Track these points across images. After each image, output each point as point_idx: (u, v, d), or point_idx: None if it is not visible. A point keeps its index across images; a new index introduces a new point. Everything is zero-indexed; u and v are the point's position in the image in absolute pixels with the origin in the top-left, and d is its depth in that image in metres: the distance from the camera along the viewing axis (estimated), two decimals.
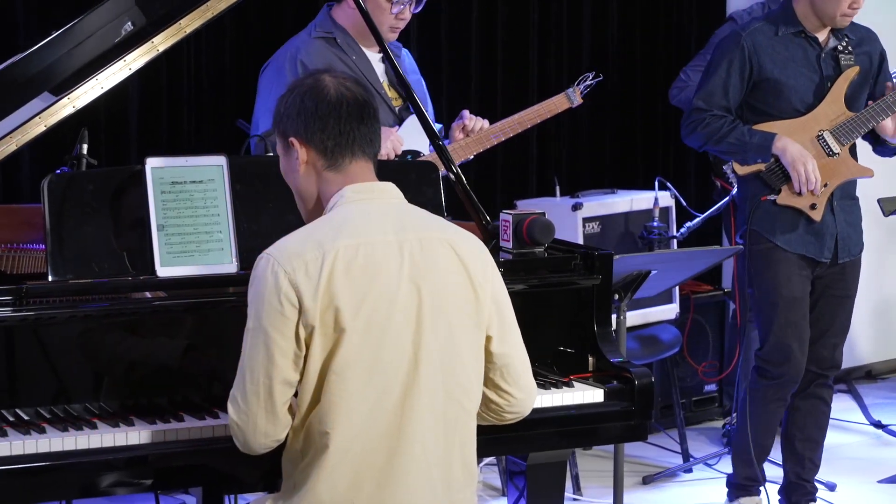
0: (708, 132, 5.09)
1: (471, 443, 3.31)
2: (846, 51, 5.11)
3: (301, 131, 3.30)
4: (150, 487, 3.52)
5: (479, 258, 3.33)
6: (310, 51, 5.07)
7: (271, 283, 3.13)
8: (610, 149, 7.14)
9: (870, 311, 7.42)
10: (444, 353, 3.23)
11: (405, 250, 3.22)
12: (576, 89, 5.34)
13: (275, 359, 3.14)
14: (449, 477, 3.26)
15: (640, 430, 3.92)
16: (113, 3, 3.95)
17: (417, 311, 3.21)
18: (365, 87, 3.37)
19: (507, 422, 3.44)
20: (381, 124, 3.39)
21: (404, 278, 3.20)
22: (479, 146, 5.18)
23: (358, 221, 3.22)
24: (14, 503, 4.87)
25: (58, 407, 3.50)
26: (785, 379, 5.17)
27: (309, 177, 3.33)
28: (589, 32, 7.03)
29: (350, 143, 3.29)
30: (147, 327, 3.60)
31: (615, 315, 4.53)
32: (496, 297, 3.33)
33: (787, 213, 5.09)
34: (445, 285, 3.25)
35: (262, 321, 3.14)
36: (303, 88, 3.32)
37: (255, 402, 3.16)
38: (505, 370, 3.36)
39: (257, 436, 3.20)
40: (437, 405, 3.23)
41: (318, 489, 3.17)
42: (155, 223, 3.68)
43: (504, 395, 3.37)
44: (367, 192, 3.30)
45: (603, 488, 5.80)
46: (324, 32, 5.12)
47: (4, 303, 3.45)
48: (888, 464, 6.19)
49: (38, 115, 3.83)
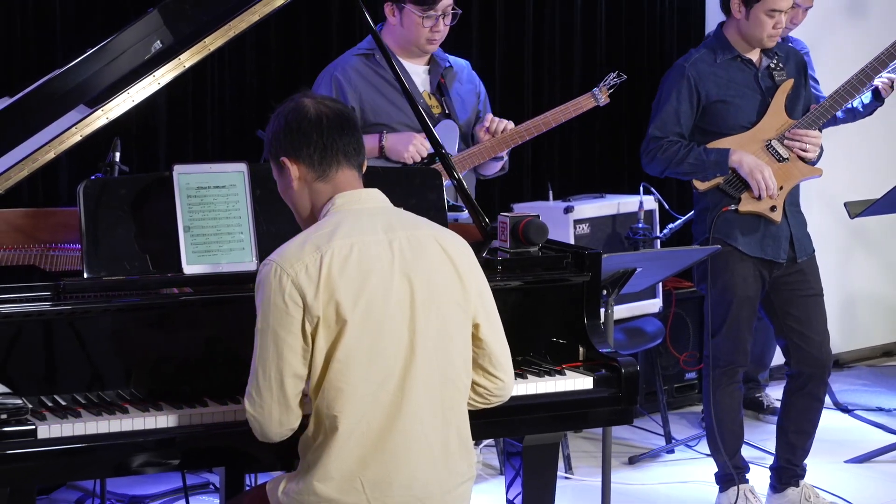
0: (667, 157, 5.14)
1: (464, 419, 3.34)
2: (778, 67, 5.22)
3: (289, 150, 3.33)
4: (177, 467, 3.53)
5: (463, 253, 3.35)
6: (345, 67, 5.11)
7: (276, 286, 3.15)
8: (598, 157, 7.14)
9: (836, 305, 7.42)
10: (438, 338, 3.25)
11: (395, 247, 3.24)
12: (602, 89, 5.30)
13: (284, 355, 3.15)
14: (447, 451, 3.28)
15: (627, 414, 3.91)
16: (143, 23, 3.95)
17: (411, 301, 3.22)
18: (343, 104, 3.44)
19: (493, 405, 3.45)
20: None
21: (396, 272, 3.22)
22: (505, 145, 5.17)
23: (349, 224, 3.24)
24: (53, 481, 4.90)
25: (92, 393, 3.50)
26: (735, 365, 5.24)
27: (303, 191, 3.36)
28: (581, 55, 7.02)
29: (335, 154, 3.32)
30: (174, 320, 3.61)
31: (603, 309, 4.52)
32: (480, 289, 3.36)
33: (746, 219, 5.15)
34: (434, 277, 3.27)
35: (270, 321, 3.16)
36: (285, 112, 3.37)
37: (269, 395, 3.18)
38: (493, 355, 3.38)
39: (273, 426, 3.21)
40: (433, 386, 3.24)
41: (330, 467, 3.18)
42: (181, 225, 3.67)
43: (492, 378, 3.40)
44: (355, 198, 3.32)
45: (592, 468, 5.80)
46: (365, 50, 5.12)
47: (44, 298, 3.45)
48: (854, 445, 6.19)
49: (75, 126, 3.83)
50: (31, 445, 3.26)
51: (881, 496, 5.58)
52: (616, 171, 7.12)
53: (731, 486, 5.30)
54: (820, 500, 5.33)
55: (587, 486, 5.62)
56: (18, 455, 3.24)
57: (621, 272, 4.57)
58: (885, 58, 5.31)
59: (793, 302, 5.24)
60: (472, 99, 5.28)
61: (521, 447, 3.95)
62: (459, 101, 5.20)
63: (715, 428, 5.23)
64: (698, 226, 5.30)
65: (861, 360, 7.91)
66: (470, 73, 5.35)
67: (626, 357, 3.90)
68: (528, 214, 4.05)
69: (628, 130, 7.10)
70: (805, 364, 5.25)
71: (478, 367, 3.37)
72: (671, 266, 5.17)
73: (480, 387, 3.39)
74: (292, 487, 3.24)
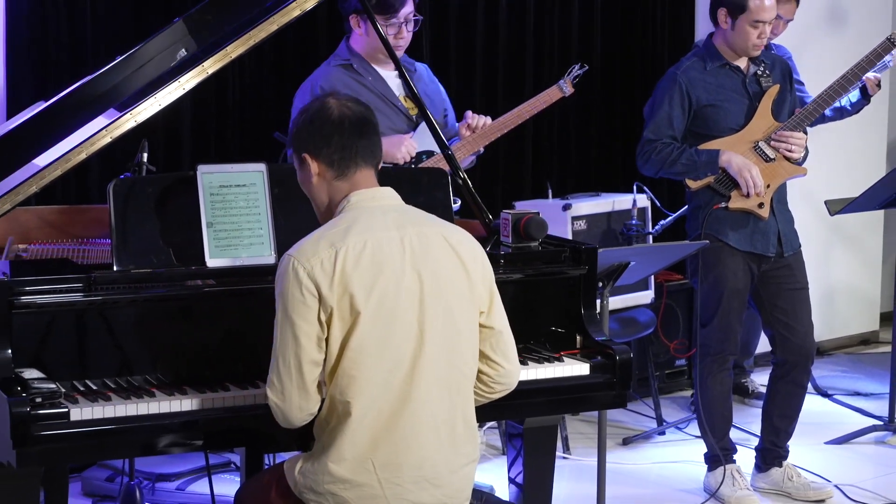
0: (660, 158, 5.13)
1: (470, 403, 3.33)
2: (764, 74, 5.21)
3: (311, 148, 3.32)
4: (200, 447, 3.53)
5: (469, 246, 3.34)
6: (328, 78, 5.04)
7: (293, 279, 3.16)
8: (595, 158, 7.13)
9: (818, 297, 7.36)
10: (445, 329, 3.24)
11: (406, 243, 3.24)
12: (567, 80, 5.27)
13: (301, 342, 3.15)
14: (454, 434, 3.28)
15: (621, 398, 3.91)
16: (169, 33, 3.94)
17: (420, 294, 3.22)
18: (366, 107, 3.39)
19: (497, 394, 3.43)
20: (383, 134, 3.40)
21: (407, 266, 3.21)
22: (485, 140, 5.14)
23: (363, 221, 3.24)
24: (85, 460, 4.90)
25: (121, 378, 3.50)
26: (726, 353, 5.23)
27: (321, 186, 3.35)
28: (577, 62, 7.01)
29: (353, 156, 3.31)
30: (197, 310, 3.60)
31: (599, 300, 4.50)
32: (486, 279, 3.35)
33: (736, 216, 5.14)
34: (442, 270, 3.26)
35: (289, 312, 3.16)
36: (311, 111, 3.36)
37: (290, 382, 3.18)
38: (495, 342, 3.37)
39: (293, 410, 3.21)
40: (440, 373, 3.24)
41: (343, 448, 3.18)
42: (205, 221, 3.67)
43: (494, 365, 3.38)
44: (369, 196, 3.31)
45: (588, 448, 5.79)
46: (342, 61, 5.09)
47: (76, 289, 3.45)
48: (833, 427, 6.18)
49: (105, 129, 3.83)
50: (65, 427, 3.26)
51: (858, 475, 5.57)
52: (611, 171, 7.11)
53: (718, 466, 5.29)
54: (801, 479, 5.33)
55: (584, 466, 5.62)
56: (52, 436, 3.25)
57: (616, 265, 4.57)
58: (865, 64, 5.32)
59: (780, 295, 5.24)
60: (438, 97, 5.24)
61: (522, 429, 3.95)
62: (428, 101, 5.14)
63: (704, 413, 5.23)
64: (691, 222, 5.30)
65: (840, 349, 7.90)
66: (430, 73, 5.33)
67: (621, 345, 3.89)
68: (528, 212, 4.05)
69: (622, 134, 7.09)
70: (790, 353, 5.25)
71: (482, 355, 3.37)
72: (662, 260, 5.16)
73: (484, 374, 3.38)
74: (308, 467, 3.24)
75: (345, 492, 3.19)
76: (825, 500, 5.29)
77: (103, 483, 5.07)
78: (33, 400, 3.24)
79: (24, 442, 3.21)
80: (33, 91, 5.09)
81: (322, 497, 3.21)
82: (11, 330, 3.36)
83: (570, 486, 5.37)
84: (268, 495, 3.35)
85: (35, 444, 3.23)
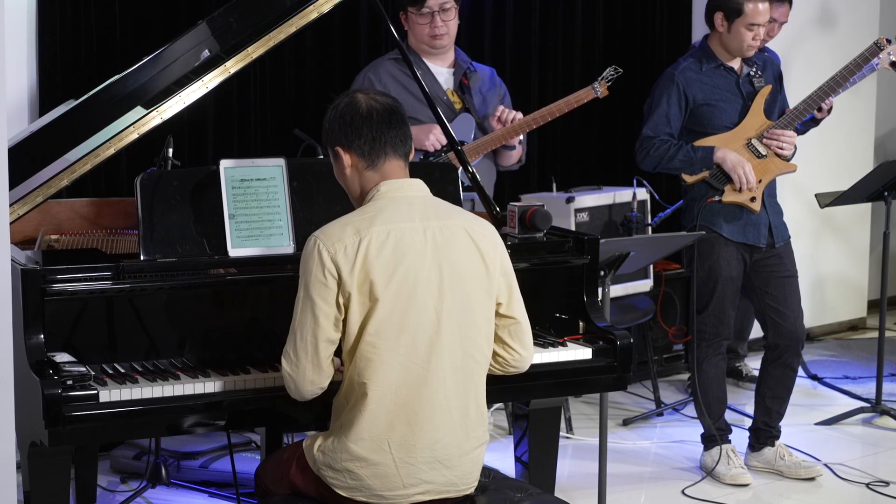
0: (658, 154, 5.13)
1: (482, 390, 3.32)
2: (757, 74, 5.21)
3: (342, 141, 3.31)
4: (223, 427, 3.53)
5: (489, 240, 3.32)
6: (377, 68, 5.10)
7: (317, 260, 3.15)
8: (596, 154, 7.11)
9: (808, 285, 7.37)
10: (461, 318, 3.23)
11: (428, 234, 3.22)
12: (601, 82, 5.26)
13: (319, 321, 3.14)
14: (466, 417, 3.26)
15: (621, 381, 3.90)
16: (193, 34, 3.94)
17: (439, 284, 3.20)
18: (394, 99, 3.37)
19: (510, 373, 3.45)
20: (411, 125, 3.39)
21: (428, 257, 3.20)
22: (515, 133, 5.14)
23: (389, 211, 3.22)
24: (113, 439, 4.90)
25: (148, 362, 3.50)
26: (720, 338, 5.23)
27: (354, 177, 3.33)
28: (580, 65, 7.00)
29: (383, 146, 3.29)
30: (221, 297, 3.60)
31: (601, 288, 4.50)
32: (505, 271, 3.34)
33: (729, 209, 5.14)
34: (461, 262, 3.24)
35: (310, 290, 3.15)
36: (341, 106, 3.34)
37: (304, 356, 3.17)
38: (514, 331, 3.37)
39: (305, 384, 3.21)
40: (455, 360, 3.23)
41: (360, 429, 3.17)
42: (227, 213, 3.67)
43: (510, 350, 3.38)
44: (398, 186, 3.29)
45: (591, 429, 5.79)
46: (396, 54, 5.10)
47: (105, 277, 3.45)
48: (823, 409, 6.17)
49: (133, 125, 3.83)
50: (94, 408, 3.26)
51: (846, 454, 5.56)
52: (612, 166, 7.10)
53: (714, 445, 5.28)
54: (793, 458, 5.32)
55: (586, 445, 5.61)
56: (82, 416, 3.25)
57: (617, 255, 4.55)
58: (854, 67, 5.28)
59: (771, 282, 5.23)
60: (495, 100, 5.25)
61: (527, 410, 3.95)
62: (481, 99, 5.18)
63: (700, 395, 5.22)
64: (686, 214, 5.29)
65: (829, 334, 7.89)
66: (493, 77, 5.33)
67: (621, 330, 3.88)
68: (534, 204, 4.04)
69: (622, 130, 7.07)
70: (781, 338, 5.24)
71: (499, 341, 3.37)
72: (661, 250, 5.16)
73: (500, 357, 3.39)
74: (327, 445, 3.23)
75: (361, 469, 3.18)
76: (815, 477, 5.28)
77: (131, 461, 5.07)
78: (65, 382, 3.24)
79: (56, 422, 3.22)
80: (63, 90, 5.08)
81: (339, 474, 3.20)
82: (44, 316, 3.36)
83: (573, 465, 5.37)
84: (287, 472, 3.34)
85: (66, 424, 3.23)
